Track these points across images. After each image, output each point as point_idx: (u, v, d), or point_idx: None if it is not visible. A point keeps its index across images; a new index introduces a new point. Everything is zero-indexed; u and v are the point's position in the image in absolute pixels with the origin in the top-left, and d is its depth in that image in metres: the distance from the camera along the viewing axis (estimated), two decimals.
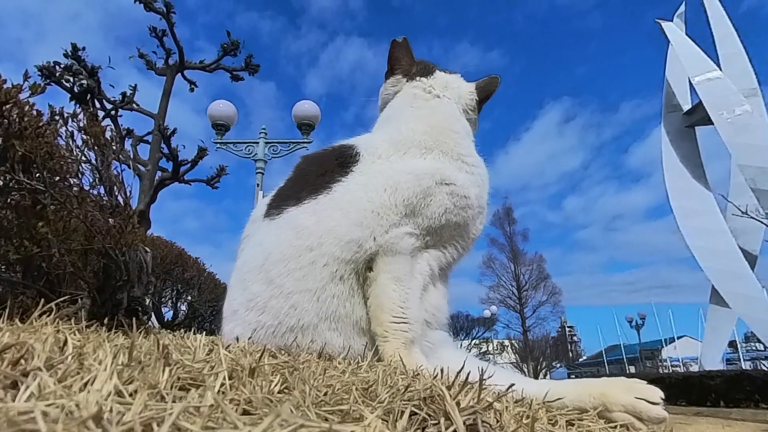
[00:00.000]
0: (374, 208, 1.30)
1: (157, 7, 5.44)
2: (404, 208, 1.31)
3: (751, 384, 6.02)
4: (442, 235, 1.41)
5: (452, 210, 1.39)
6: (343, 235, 1.26)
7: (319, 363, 0.88)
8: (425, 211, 1.35)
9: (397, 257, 1.28)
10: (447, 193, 1.38)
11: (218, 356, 0.64)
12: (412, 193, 1.33)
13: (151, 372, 0.50)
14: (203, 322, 5.64)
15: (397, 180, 1.34)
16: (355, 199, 1.32)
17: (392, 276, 1.26)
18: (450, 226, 1.40)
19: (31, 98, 1.46)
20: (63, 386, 0.43)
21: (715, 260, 12.50)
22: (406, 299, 1.25)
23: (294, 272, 1.26)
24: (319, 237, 1.27)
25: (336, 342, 1.23)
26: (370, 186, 1.34)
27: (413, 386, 0.64)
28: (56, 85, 5.00)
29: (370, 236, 1.26)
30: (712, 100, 12.66)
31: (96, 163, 1.62)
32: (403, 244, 1.29)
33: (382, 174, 1.38)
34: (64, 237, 1.46)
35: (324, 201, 1.34)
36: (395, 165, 1.42)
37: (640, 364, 33.14)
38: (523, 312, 29.12)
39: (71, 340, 0.60)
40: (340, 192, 1.35)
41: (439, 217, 1.36)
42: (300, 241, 1.29)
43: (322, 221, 1.29)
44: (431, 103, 1.67)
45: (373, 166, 1.42)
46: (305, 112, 7.31)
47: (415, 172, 1.37)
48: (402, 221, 1.31)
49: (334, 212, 1.30)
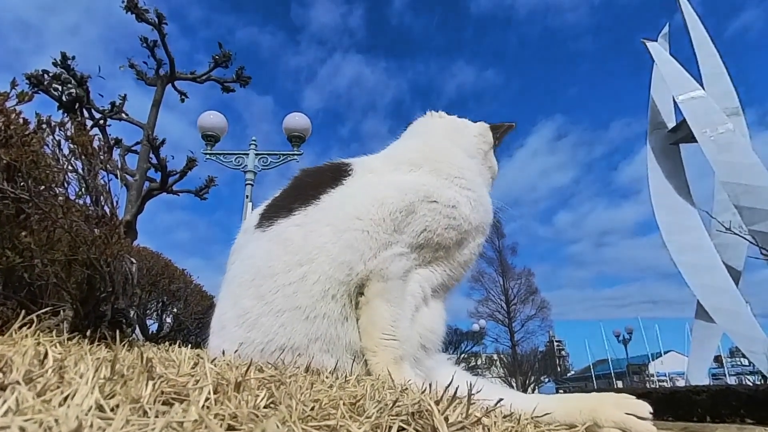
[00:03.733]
0: (363, 227, 1.28)
1: (149, 18, 5.45)
2: (392, 223, 1.30)
3: (737, 399, 6.07)
4: (425, 255, 1.38)
5: (434, 229, 1.36)
6: (336, 255, 1.25)
7: (306, 377, 0.86)
8: (408, 228, 1.33)
9: (389, 284, 1.26)
10: (429, 210, 1.36)
11: (203, 370, 0.63)
12: (395, 207, 1.32)
13: (133, 386, 0.49)
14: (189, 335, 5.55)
15: (383, 194, 1.34)
16: (344, 215, 1.31)
17: (384, 298, 1.26)
18: (431, 246, 1.37)
19: (18, 106, 1.44)
20: (42, 401, 0.42)
21: (699, 275, 12.68)
22: (397, 318, 1.25)
23: (284, 288, 1.24)
24: (309, 253, 1.26)
25: (328, 364, 1.19)
26: (357, 198, 1.34)
27: (401, 401, 0.63)
28: (44, 94, 4.96)
29: (360, 259, 1.24)
30: (695, 118, 12.97)
31: (83, 173, 1.60)
32: (393, 268, 1.28)
33: (370, 186, 1.39)
34: (48, 247, 1.44)
35: (312, 212, 1.35)
36: (383, 178, 1.44)
37: (627, 379, 33.24)
38: (511, 326, 29.12)
39: (52, 352, 0.58)
40: (327, 203, 1.36)
41: (418, 234, 1.34)
42: (289, 256, 1.27)
43: (311, 235, 1.29)
44: (431, 122, 1.79)
45: (362, 180, 1.44)
46: (296, 124, 7.33)
47: (400, 185, 1.38)
48: (391, 240, 1.29)
49: (323, 228, 1.29)
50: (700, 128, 12.75)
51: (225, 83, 6.41)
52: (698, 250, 12.93)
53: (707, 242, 12.98)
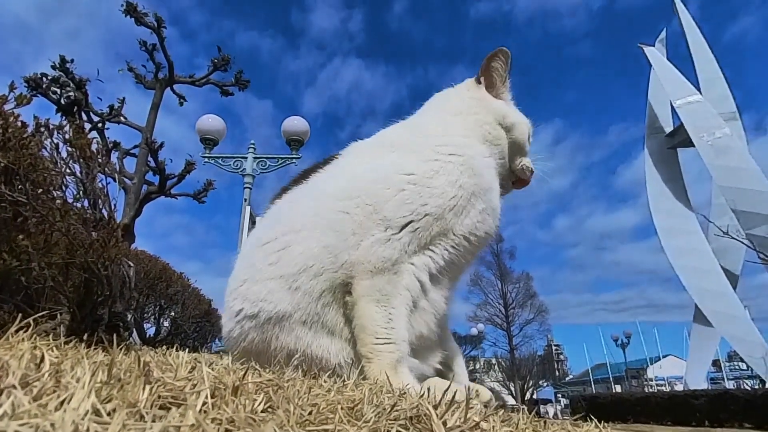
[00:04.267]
0: (343, 208, 1.29)
1: (148, 21, 5.46)
2: (368, 198, 1.29)
3: (735, 403, 6.07)
4: (420, 235, 1.28)
5: (413, 201, 1.28)
6: (320, 235, 1.28)
7: (304, 381, 0.86)
8: (387, 205, 1.28)
9: (375, 280, 1.23)
10: (407, 182, 1.31)
11: (201, 374, 0.63)
12: (370, 180, 1.32)
13: (130, 390, 0.49)
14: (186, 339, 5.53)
15: (356, 172, 1.39)
16: (322, 194, 1.36)
17: (372, 298, 1.22)
18: (420, 221, 1.28)
19: (16, 109, 1.44)
20: (38, 405, 0.41)
21: (697, 279, 12.70)
22: (390, 319, 1.21)
23: (269, 256, 1.30)
24: (293, 224, 1.32)
25: (308, 340, 1.23)
26: (336, 177, 1.41)
27: (399, 405, 0.63)
28: (43, 97, 4.95)
29: (344, 244, 1.25)
30: (692, 122, 13.02)
31: (81, 176, 1.59)
32: (376, 258, 1.23)
33: (348, 166, 1.45)
34: (45, 250, 1.43)
35: (298, 189, 1.46)
36: (361, 160, 1.47)
37: (625, 383, 33.19)
38: (510, 330, 29.05)
39: (48, 356, 0.58)
40: (312, 180, 1.45)
41: (399, 207, 1.27)
42: (278, 226, 1.36)
43: (295, 206, 1.39)
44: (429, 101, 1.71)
45: (344, 161, 1.49)
46: (294, 127, 7.34)
47: (374, 165, 1.39)
48: (370, 224, 1.26)
49: (307, 201, 1.37)
50: (698, 133, 12.80)
51: (224, 87, 6.42)
52: (696, 254, 12.95)
53: (705, 246, 13.01)
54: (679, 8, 14.58)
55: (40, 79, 4.96)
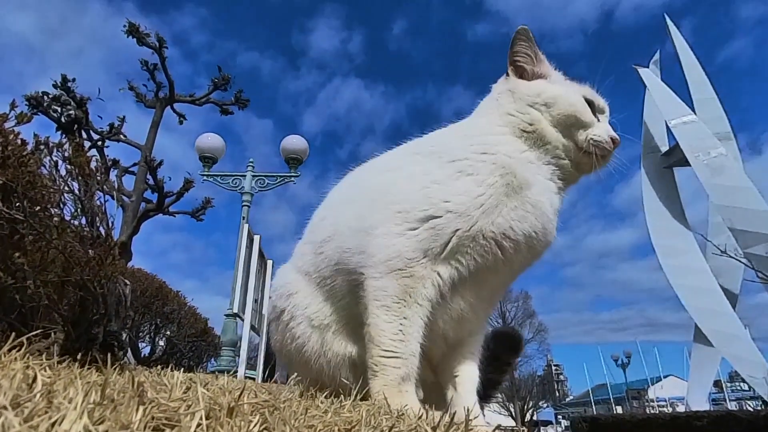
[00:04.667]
0: (370, 197, 1.35)
1: (150, 41, 5.54)
2: (391, 196, 1.28)
3: (738, 425, 5.98)
4: (437, 231, 1.17)
5: (435, 194, 1.22)
6: (348, 218, 1.37)
7: (300, 402, 0.85)
8: (408, 197, 1.24)
9: (385, 280, 1.15)
10: (431, 181, 1.25)
11: (195, 395, 0.62)
12: (398, 179, 1.35)
13: (123, 411, 0.48)
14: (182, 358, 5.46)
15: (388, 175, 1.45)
16: (352, 187, 1.53)
17: (381, 304, 1.15)
18: (441, 219, 1.18)
19: (17, 127, 1.45)
20: (29, 426, 0.41)
21: (696, 298, 12.64)
22: (400, 330, 1.13)
23: (316, 225, 1.54)
24: (332, 204, 1.54)
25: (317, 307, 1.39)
26: (366, 178, 1.51)
27: (397, 427, 0.62)
28: (44, 115, 4.99)
29: (365, 232, 1.26)
30: (688, 142, 13.14)
31: (79, 194, 1.59)
32: (385, 253, 1.17)
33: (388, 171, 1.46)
34: (41, 268, 1.42)
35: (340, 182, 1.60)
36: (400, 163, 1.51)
37: (626, 404, 32.74)
38: None
39: (41, 376, 0.57)
40: (348, 174, 1.59)
41: (420, 200, 1.21)
42: (326, 201, 1.59)
43: (333, 192, 1.59)
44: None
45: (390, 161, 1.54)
46: (293, 146, 7.39)
47: (409, 171, 1.38)
48: (388, 213, 1.22)
49: (342, 189, 1.56)
50: (693, 152, 12.90)
51: (224, 106, 6.48)
52: (695, 273, 12.92)
53: (704, 265, 12.98)
54: (671, 30, 14.86)
55: (41, 97, 5.00)
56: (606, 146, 1.34)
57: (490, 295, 1.36)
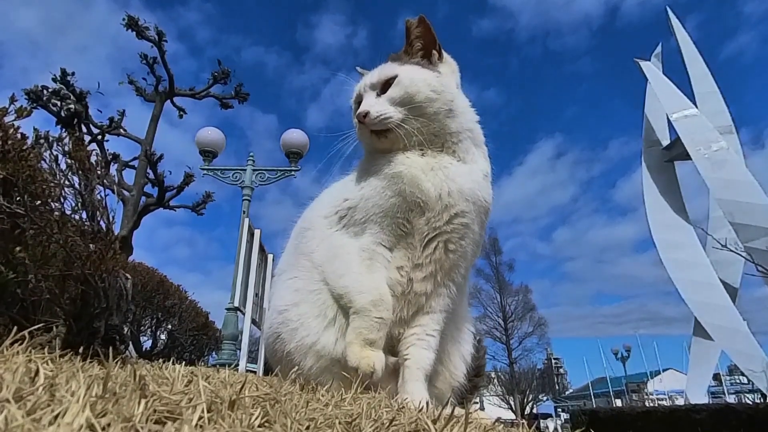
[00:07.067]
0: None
1: (149, 35, 5.51)
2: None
3: (737, 418, 6.02)
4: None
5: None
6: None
7: (301, 395, 0.85)
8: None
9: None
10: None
11: (197, 388, 0.62)
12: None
13: (125, 404, 0.48)
14: (183, 352, 5.48)
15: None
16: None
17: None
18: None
19: (16, 121, 1.44)
20: (32, 419, 0.41)
21: (696, 292, 12.66)
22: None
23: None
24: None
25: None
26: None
27: (398, 420, 0.62)
28: (43, 109, 4.97)
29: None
30: (689, 136, 13.09)
31: (79, 188, 1.59)
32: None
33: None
34: (42, 262, 1.42)
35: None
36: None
37: (626, 397, 32.88)
38: (509, 343, 28.86)
39: (43, 370, 0.58)
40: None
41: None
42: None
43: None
44: None
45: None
46: (293, 140, 7.37)
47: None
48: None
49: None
50: (694, 146, 12.86)
51: (223, 99, 6.46)
52: (695, 267, 12.92)
53: (704, 259, 12.99)
54: (674, 23, 14.77)
55: (40, 91, 4.98)
56: (361, 119, 1.58)
57: (427, 266, 1.39)
